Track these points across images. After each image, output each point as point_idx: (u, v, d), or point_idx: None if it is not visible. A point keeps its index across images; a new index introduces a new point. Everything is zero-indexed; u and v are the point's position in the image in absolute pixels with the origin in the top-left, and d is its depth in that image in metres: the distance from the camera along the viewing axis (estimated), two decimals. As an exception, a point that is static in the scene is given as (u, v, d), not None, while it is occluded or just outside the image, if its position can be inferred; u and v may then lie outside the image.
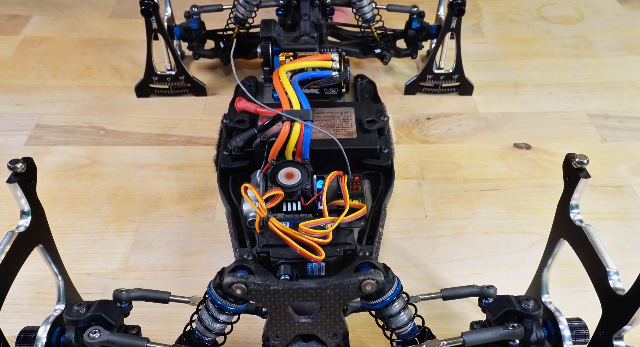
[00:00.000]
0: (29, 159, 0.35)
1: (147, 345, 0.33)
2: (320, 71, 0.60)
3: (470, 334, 0.34)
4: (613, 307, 0.32)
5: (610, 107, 0.72)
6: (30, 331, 0.36)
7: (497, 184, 0.61)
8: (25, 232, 0.35)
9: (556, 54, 0.82)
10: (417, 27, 0.73)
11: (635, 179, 0.61)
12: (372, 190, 0.53)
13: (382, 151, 0.53)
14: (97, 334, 0.32)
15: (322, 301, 0.32)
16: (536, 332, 0.35)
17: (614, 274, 0.32)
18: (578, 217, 0.36)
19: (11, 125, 0.69)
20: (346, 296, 0.32)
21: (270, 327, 0.34)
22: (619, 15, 0.91)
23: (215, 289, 0.33)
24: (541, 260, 0.41)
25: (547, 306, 0.38)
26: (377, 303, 0.34)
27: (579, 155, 0.35)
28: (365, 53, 0.74)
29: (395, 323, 0.35)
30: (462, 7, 0.65)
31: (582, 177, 0.35)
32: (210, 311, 0.34)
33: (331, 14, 0.72)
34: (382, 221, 0.50)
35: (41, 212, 0.37)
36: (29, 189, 0.35)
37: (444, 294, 0.39)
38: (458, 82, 0.72)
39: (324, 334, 0.34)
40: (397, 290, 0.34)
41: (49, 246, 0.38)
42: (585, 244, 0.35)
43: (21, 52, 0.81)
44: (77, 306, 0.34)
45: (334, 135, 0.50)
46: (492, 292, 0.38)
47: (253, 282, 0.32)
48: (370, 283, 0.32)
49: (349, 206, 0.44)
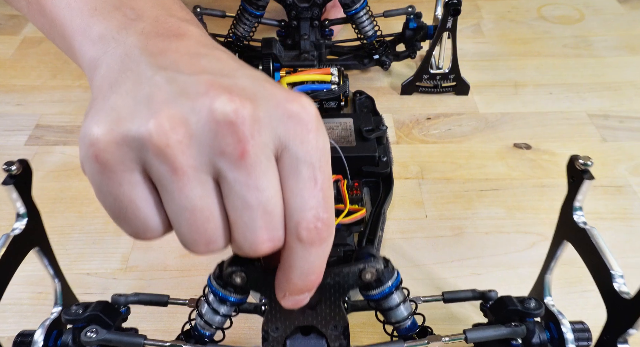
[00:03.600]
0: (25, 161, 0.34)
1: (144, 342, 0.33)
2: (319, 84, 0.61)
3: (472, 331, 0.34)
4: (618, 311, 0.32)
5: (610, 107, 0.72)
6: (27, 334, 0.35)
7: (497, 184, 0.61)
8: (21, 234, 0.35)
9: (556, 54, 0.82)
10: (414, 27, 0.73)
11: (635, 179, 0.61)
12: (371, 197, 0.53)
13: (380, 159, 0.54)
14: (95, 333, 0.32)
15: (322, 290, 0.32)
16: (539, 335, 0.35)
17: (619, 277, 0.32)
18: (582, 219, 0.36)
19: (11, 125, 0.69)
20: (346, 284, 0.32)
21: (269, 319, 0.33)
22: (619, 15, 0.91)
23: (215, 280, 0.33)
24: (544, 262, 0.41)
25: (549, 309, 0.38)
26: (376, 293, 0.34)
27: (583, 156, 0.35)
28: (364, 63, 0.75)
29: (394, 317, 0.35)
30: (458, 7, 0.65)
31: (586, 179, 0.35)
32: (211, 304, 0.34)
33: (330, 35, 0.74)
34: (381, 224, 0.50)
35: (37, 215, 0.37)
36: (24, 191, 0.35)
37: (445, 297, 0.39)
38: (454, 82, 0.72)
39: (324, 325, 0.33)
40: (396, 281, 0.34)
41: (45, 249, 0.38)
42: (589, 246, 0.34)
43: (21, 52, 0.82)
44: (75, 306, 0.34)
45: (333, 143, 0.50)
46: (494, 296, 0.38)
47: (253, 271, 0.32)
48: (370, 271, 0.32)
49: (348, 208, 0.44)
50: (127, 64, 0.26)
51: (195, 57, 0.27)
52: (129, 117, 0.24)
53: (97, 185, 0.25)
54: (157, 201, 0.26)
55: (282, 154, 0.25)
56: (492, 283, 0.51)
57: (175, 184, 0.24)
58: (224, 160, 0.24)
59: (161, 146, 0.24)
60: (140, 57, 0.26)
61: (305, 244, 0.26)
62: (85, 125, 0.25)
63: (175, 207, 0.25)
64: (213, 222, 0.26)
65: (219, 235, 0.26)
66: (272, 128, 0.25)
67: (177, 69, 0.25)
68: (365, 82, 0.76)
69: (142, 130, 0.24)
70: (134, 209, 0.25)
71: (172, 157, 0.24)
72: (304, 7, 0.69)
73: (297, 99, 0.26)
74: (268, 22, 0.73)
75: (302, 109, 0.26)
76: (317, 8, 0.69)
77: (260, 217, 0.25)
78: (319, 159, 0.26)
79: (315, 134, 0.26)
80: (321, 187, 0.26)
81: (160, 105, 0.24)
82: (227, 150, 0.24)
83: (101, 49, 0.28)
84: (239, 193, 0.25)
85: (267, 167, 0.25)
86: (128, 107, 0.24)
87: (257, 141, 0.24)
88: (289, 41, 0.72)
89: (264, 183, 0.25)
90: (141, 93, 0.25)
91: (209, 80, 0.25)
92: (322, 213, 0.26)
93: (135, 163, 0.24)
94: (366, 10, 0.70)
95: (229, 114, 0.24)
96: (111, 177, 0.25)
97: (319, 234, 0.26)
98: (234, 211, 0.25)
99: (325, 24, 0.72)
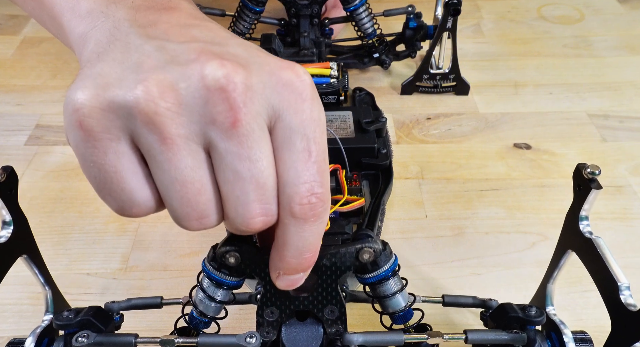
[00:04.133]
0: (9, 167, 0.34)
1: (136, 341, 0.32)
2: (319, 78, 0.61)
3: (473, 332, 0.34)
4: (623, 323, 0.31)
5: (610, 107, 0.72)
6: (18, 342, 0.35)
7: (497, 184, 0.61)
8: (7, 242, 0.34)
9: (556, 54, 0.82)
10: (414, 26, 0.73)
11: (635, 179, 0.61)
12: (370, 190, 0.53)
13: (380, 151, 0.53)
14: (85, 338, 0.31)
15: (318, 272, 0.32)
16: (540, 344, 0.34)
17: (626, 289, 0.31)
18: (588, 229, 0.35)
19: (11, 125, 0.69)
20: (343, 265, 0.32)
21: (264, 303, 0.33)
22: (619, 15, 0.91)
23: (210, 263, 0.33)
24: (546, 271, 0.40)
25: (551, 318, 0.37)
26: (372, 276, 0.33)
27: (591, 165, 0.34)
28: (364, 62, 0.75)
29: (391, 306, 0.34)
30: (458, 7, 0.65)
31: (594, 188, 0.34)
32: (206, 291, 0.33)
33: (330, 35, 0.73)
34: (381, 215, 0.50)
35: (24, 222, 0.36)
36: (10, 199, 0.34)
37: (445, 300, 0.39)
38: (454, 82, 0.72)
39: (320, 310, 0.33)
40: (393, 265, 0.33)
41: (33, 256, 0.37)
42: (595, 256, 0.33)
43: (21, 52, 0.82)
44: (66, 312, 0.34)
45: (333, 133, 0.50)
46: (494, 304, 0.38)
47: (248, 251, 0.31)
48: (368, 251, 0.32)
49: (346, 197, 0.44)
50: (116, 35, 0.25)
51: (186, 28, 0.26)
52: (116, 83, 0.23)
53: (81, 154, 0.24)
54: (145, 173, 0.25)
55: (276, 124, 0.24)
56: (492, 283, 0.51)
57: (165, 154, 0.23)
58: (215, 129, 0.23)
59: (149, 113, 0.23)
60: (129, 29, 0.25)
61: (298, 219, 0.25)
62: (69, 91, 0.23)
63: (165, 179, 0.24)
64: (205, 195, 0.25)
65: (211, 209, 0.25)
66: (265, 96, 0.24)
67: (167, 38, 0.25)
68: (365, 82, 0.76)
69: (129, 96, 0.23)
70: (119, 181, 0.24)
71: (160, 125, 0.23)
72: (303, 4, 0.69)
73: (292, 66, 0.25)
74: (268, 20, 0.73)
75: (296, 77, 0.25)
76: (316, 5, 0.69)
77: (252, 190, 0.24)
78: (313, 130, 0.25)
79: (310, 104, 0.25)
80: (315, 159, 0.25)
81: (149, 72, 0.23)
82: (219, 118, 0.23)
83: (90, 23, 0.27)
84: (231, 164, 0.24)
85: (260, 137, 0.24)
86: (115, 73, 0.23)
87: (250, 109, 0.23)
88: (288, 39, 0.72)
89: (256, 154, 0.24)
90: (129, 60, 0.24)
91: (200, 47, 0.24)
92: (316, 187, 0.25)
93: (122, 131, 0.23)
94: (365, 7, 0.70)
95: (220, 79, 0.23)
96: (96, 146, 0.23)
97: (313, 209, 0.25)
98: (226, 183, 0.24)
99: (325, 23, 0.72)
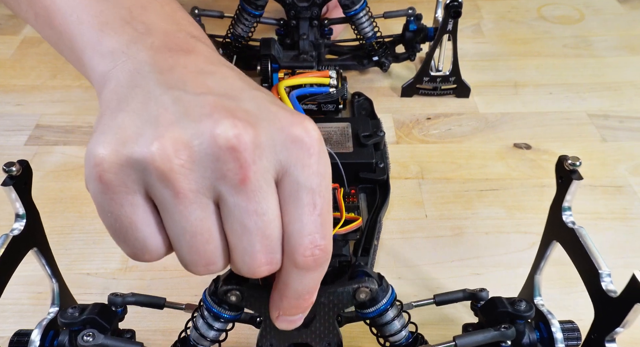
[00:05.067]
0: (25, 161, 0.35)
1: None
2: (318, 87, 0.61)
3: (462, 338, 0.34)
4: (605, 310, 0.32)
5: (610, 107, 0.72)
6: (24, 334, 0.36)
7: (497, 184, 0.61)
8: (19, 235, 0.35)
9: (556, 54, 0.82)
10: (414, 29, 0.73)
11: (635, 179, 0.61)
12: (367, 204, 0.53)
13: (377, 165, 0.54)
14: (91, 337, 0.32)
15: (316, 309, 0.32)
16: (528, 335, 0.35)
17: (606, 276, 0.32)
18: (570, 219, 0.36)
19: (11, 125, 0.69)
20: (340, 303, 0.32)
21: (264, 335, 0.34)
22: (619, 15, 0.91)
23: (210, 296, 0.33)
24: (533, 263, 0.41)
25: (539, 309, 0.38)
26: (371, 312, 0.34)
27: (572, 157, 0.35)
28: (364, 64, 0.75)
29: (389, 331, 0.35)
30: (459, 10, 0.65)
31: (575, 179, 0.35)
32: (206, 319, 0.34)
33: (330, 34, 0.73)
34: (377, 233, 0.51)
35: (36, 216, 0.37)
36: (24, 192, 0.35)
37: (436, 300, 0.39)
38: (455, 85, 0.72)
39: (318, 343, 0.34)
40: (391, 298, 0.34)
41: (43, 249, 0.38)
42: (577, 246, 0.35)
43: (21, 52, 0.82)
44: (71, 309, 0.34)
45: (330, 149, 0.50)
46: (485, 295, 0.38)
47: (248, 290, 0.32)
48: (364, 291, 0.32)
49: (344, 218, 0.45)
50: (137, 80, 0.26)
51: (202, 75, 0.27)
52: (135, 138, 0.24)
53: (99, 204, 0.26)
54: (157, 223, 0.26)
55: (283, 177, 0.26)
56: (492, 283, 0.51)
57: (177, 207, 0.25)
58: (225, 184, 0.25)
59: (164, 170, 0.24)
60: (149, 74, 0.26)
61: (301, 269, 0.27)
62: (91, 144, 0.25)
63: (176, 229, 0.25)
64: (212, 244, 0.26)
65: (218, 257, 0.27)
66: (274, 152, 0.25)
67: (184, 87, 0.26)
68: (365, 84, 0.75)
69: (146, 154, 0.24)
70: (134, 230, 0.26)
71: (174, 181, 0.24)
72: (303, 6, 0.69)
73: (302, 122, 0.26)
74: (267, 21, 0.73)
75: (305, 134, 0.26)
76: (316, 8, 0.69)
77: (258, 241, 0.26)
78: (319, 184, 0.26)
79: (317, 158, 0.26)
80: (320, 212, 0.26)
81: (165, 127, 0.24)
82: (229, 175, 0.24)
83: (111, 63, 0.28)
84: (238, 218, 0.25)
85: (267, 192, 0.25)
86: (135, 126, 0.25)
87: (259, 166, 0.25)
88: (287, 40, 0.72)
89: (263, 208, 0.25)
90: (148, 112, 0.25)
91: (214, 102, 0.25)
92: (319, 240, 0.26)
93: (137, 185, 0.25)
94: (366, 11, 0.70)
95: (231, 139, 0.24)
96: (113, 198, 0.25)
97: (316, 260, 0.26)
98: (233, 234, 0.26)
99: (324, 24, 0.71)
